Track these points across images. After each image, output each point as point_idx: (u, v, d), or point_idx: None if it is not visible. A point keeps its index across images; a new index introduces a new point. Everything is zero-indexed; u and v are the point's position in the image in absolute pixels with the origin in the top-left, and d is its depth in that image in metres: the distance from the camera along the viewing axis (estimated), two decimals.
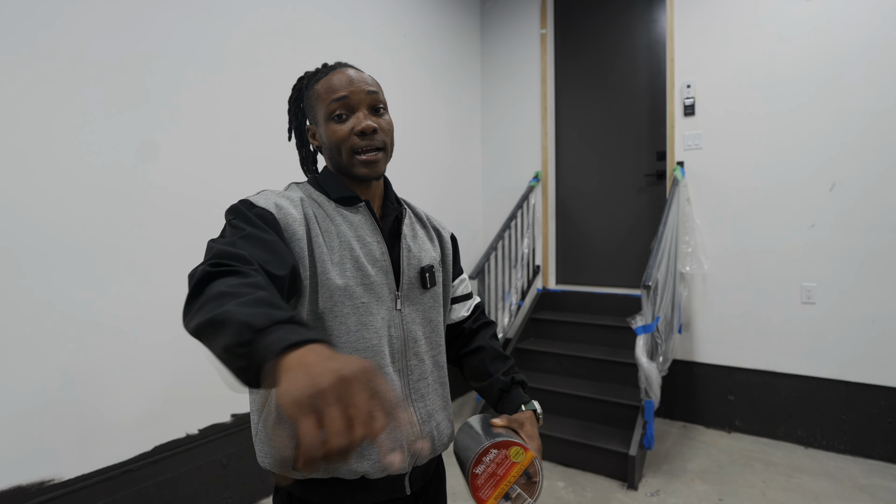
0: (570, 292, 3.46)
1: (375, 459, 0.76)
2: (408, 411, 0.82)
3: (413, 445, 0.79)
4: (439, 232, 0.99)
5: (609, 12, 3.44)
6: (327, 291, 0.77)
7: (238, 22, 2.21)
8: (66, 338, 1.68)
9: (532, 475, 0.73)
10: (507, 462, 0.71)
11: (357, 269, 0.80)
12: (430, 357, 0.88)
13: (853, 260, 2.58)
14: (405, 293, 0.85)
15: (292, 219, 0.76)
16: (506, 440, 0.74)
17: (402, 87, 3.13)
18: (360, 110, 0.82)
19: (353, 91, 0.81)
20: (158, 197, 1.92)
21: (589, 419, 2.68)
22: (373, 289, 0.81)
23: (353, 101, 0.81)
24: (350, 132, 0.81)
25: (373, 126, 0.81)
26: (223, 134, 2.14)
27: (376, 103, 0.83)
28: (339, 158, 0.83)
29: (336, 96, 0.81)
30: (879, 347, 2.52)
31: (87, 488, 1.72)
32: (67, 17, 1.68)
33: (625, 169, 3.41)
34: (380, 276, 0.82)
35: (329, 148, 0.84)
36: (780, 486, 2.28)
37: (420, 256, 0.89)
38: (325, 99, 0.82)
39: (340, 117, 0.82)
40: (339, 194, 0.84)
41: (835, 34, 2.60)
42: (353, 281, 0.79)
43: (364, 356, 0.77)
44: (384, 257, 0.83)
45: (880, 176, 2.52)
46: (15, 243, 1.57)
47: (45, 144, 1.64)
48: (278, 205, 0.77)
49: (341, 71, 0.84)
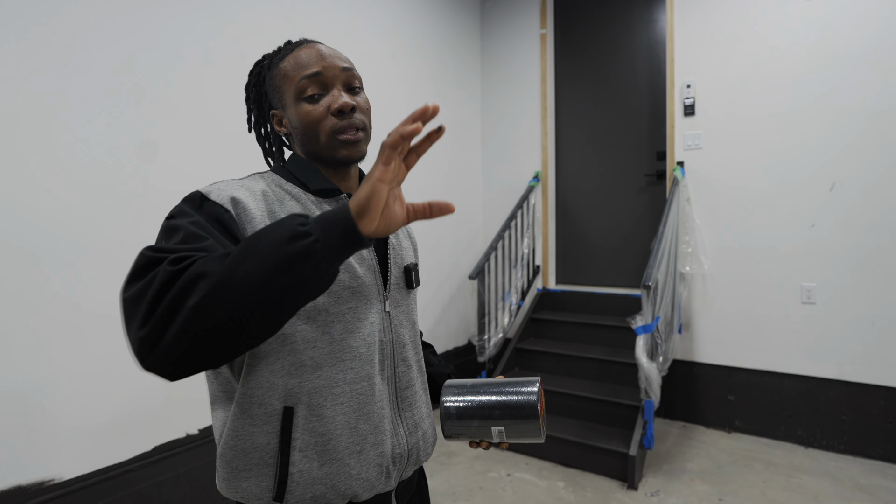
0: (570, 292, 3.46)
1: (364, 479, 0.71)
2: (394, 422, 0.76)
3: None
4: (408, 231, 0.92)
5: (609, 12, 3.44)
6: None
7: (238, 21, 2.21)
8: (65, 336, 1.68)
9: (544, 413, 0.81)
10: (542, 397, 0.78)
11: (344, 271, 0.71)
12: (416, 362, 0.83)
13: (853, 260, 2.58)
14: (392, 294, 0.78)
15: (251, 215, 0.66)
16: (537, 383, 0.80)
17: (403, 86, 3.13)
18: (335, 87, 0.73)
19: (327, 66, 0.73)
20: (153, 193, 1.92)
21: (589, 419, 2.68)
22: (361, 290, 0.73)
23: (327, 78, 0.73)
24: (327, 111, 0.72)
25: (351, 104, 0.72)
26: (222, 129, 2.14)
27: (352, 80, 0.75)
28: (316, 142, 0.73)
29: (307, 73, 0.72)
30: (879, 347, 2.53)
31: (87, 488, 1.72)
32: (63, 14, 1.68)
33: (625, 169, 3.41)
34: (368, 275, 0.74)
35: (302, 132, 0.74)
36: (780, 486, 2.28)
37: (402, 254, 0.83)
38: (294, 77, 0.73)
39: (313, 97, 0.73)
40: (318, 185, 0.74)
41: (835, 34, 2.60)
42: (338, 285, 0.70)
43: (349, 365, 0.70)
44: (370, 254, 0.76)
45: (880, 176, 2.52)
46: (17, 240, 1.57)
47: (40, 139, 1.64)
48: (235, 199, 0.66)
49: (310, 46, 0.75)
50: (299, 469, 0.67)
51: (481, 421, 0.77)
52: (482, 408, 0.77)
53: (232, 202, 0.66)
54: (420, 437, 0.80)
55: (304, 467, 0.67)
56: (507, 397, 0.77)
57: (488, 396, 0.77)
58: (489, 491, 2.31)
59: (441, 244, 3.39)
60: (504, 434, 0.77)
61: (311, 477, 0.68)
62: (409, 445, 0.78)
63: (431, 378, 0.95)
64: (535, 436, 0.77)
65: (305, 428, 0.68)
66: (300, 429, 0.68)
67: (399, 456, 0.76)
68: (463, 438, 0.80)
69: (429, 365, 0.95)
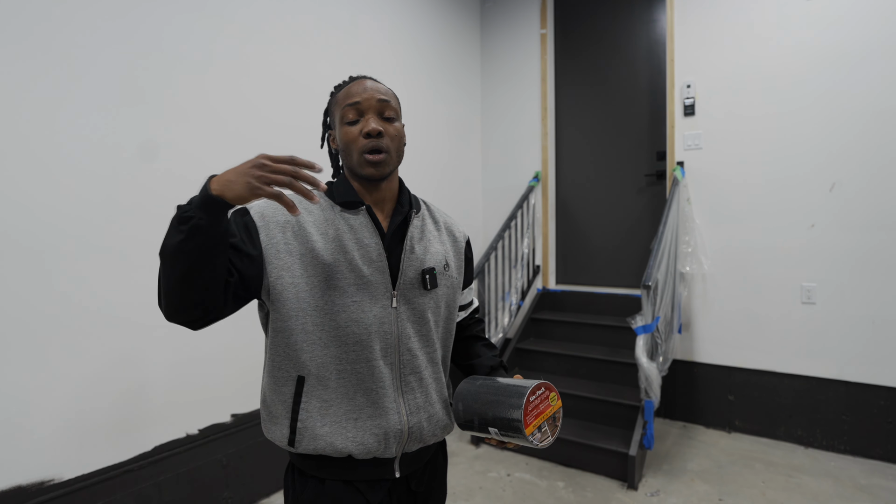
0: (570, 292, 3.46)
1: (360, 442, 0.85)
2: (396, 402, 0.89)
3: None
4: (453, 234, 1.04)
5: (609, 12, 3.44)
6: (317, 291, 0.84)
7: (238, 19, 2.21)
8: (65, 336, 1.68)
9: (556, 419, 0.87)
10: (546, 402, 0.85)
11: (350, 271, 0.86)
12: (425, 353, 0.93)
13: (853, 260, 2.58)
14: (402, 292, 0.91)
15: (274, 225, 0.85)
16: (551, 384, 0.87)
17: (403, 86, 3.13)
18: (369, 115, 0.89)
19: (366, 98, 0.89)
20: (161, 187, 1.92)
21: (589, 419, 2.68)
22: (367, 288, 0.87)
23: (364, 107, 0.89)
24: (359, 134, 0.88)
25: (378, 129, 0.87)
26: (223, 128, 2.14)
27: (385, 110, 0.90)
28: (350, 159, 0.89)
29: (350, 101, 0.89)
30: (879, 347, 2.53)
31: (87, 488, 1.72)
32: (61, 11, 1.68)
33: (625, 169, 3.41)
34: (376, 275, 0.88)
35: (343, 149, 0.91)
36: (780, 486, 2.28)
37: (423, 258, 0.94)
38: (342, 104, 0.90)
39: (353, 121, 0.89)
40: (342, 198, 0.90)
41: (835, 34, 2.60)
42: (345, 282, 0.86)
43: (351, 348, 0.86)
44: (381, 258, 0.89)
45: (880, 176, 2.52)
46: (21, 237, 1.57)
47: (42, 137, 1.64)
48: (263, 214, 0.86)
49: (360, 81, 0.92)
50: (305, 425, 0.85)
51: (480, 426, 0.87)
52: (480, 417, 0.87)
53: (260, 218, 0.86)
54: (424, 419, 0.91)
55: (310, 424, 0.85)
56: (497, 414, 0.84)
57: (483, 407, 0.86)
58: (489, 491, 2.31)
59: None
60: (502, 436, 0.84)
61: (315, 433, 0.85)
62: (409, 424, 0.89)
63: (474, 368, 1.07)
64: (528, 444, 0.81)
65: (312, 394, 0.85)
66: (308, 394, 0.85)
67: (398, 431, 0.87)
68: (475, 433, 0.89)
69: (476, 356, 1.08)
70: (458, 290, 1.02)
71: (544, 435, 0.84)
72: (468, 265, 1.07)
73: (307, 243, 0.85)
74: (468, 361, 1.08)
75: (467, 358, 1.09)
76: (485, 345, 1.11)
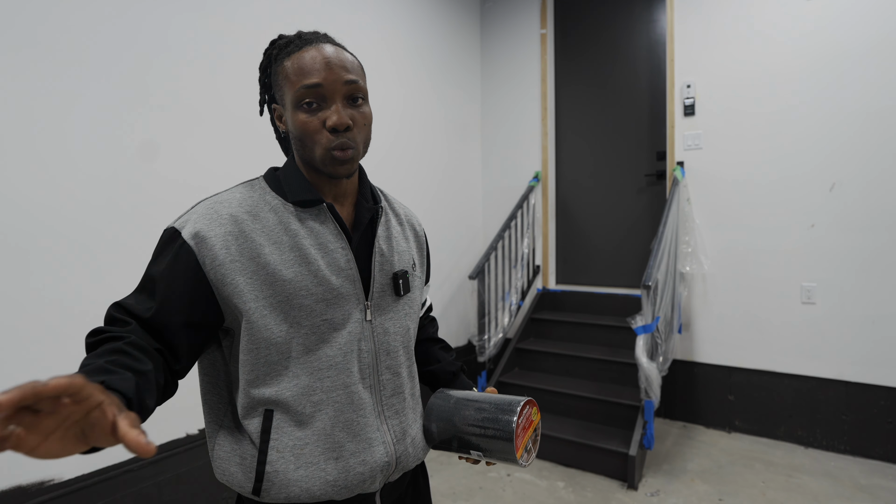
0: (570, 292, 3.46)
1: (342, 486, 0.72)
2: (380, 430, 0.77)
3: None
4: (415, 229, 0.92)
5: (609, 12, 3.44)
6: (279, 314, 0.70)
7: (238, 18, 2.21)
8: (65, 335, 1.68)
9: (537, 434, 0.82)
10: (530, 419, 0.79)
11: (317, 286, 0.72)
12: (406, 368, 0.82)
13: (853, 260, 2.58)
14: (375, 302, 0.78)
15: (214, 252, 0.69)
16: (532, 400, 0.80)
17: (402, 86, 3.13)
18: (335, 101, 0.71)
19: (328, 80, 0.70)
20: (159, 188, 1.92)
21: (589, 419, 2.68)
22: (337, 302, 0.74)
23: (327, 91, 0.70)
24: (321, 125, 0.71)
25: (346, 122, 0.70)
26: (225, 125, 2.14)
27: (354, 93, 0.72)
28: (311, 153, 0.73)
29: (307, 82, 0.70)
30: (879, 347, 2.53)
31: (87, 488, 1.72)
32: (62, 11, 1.68)
33: (625, 169, 3.41)
34: (346, 286, 0.75)
35: (297, 139, 0.73)
36: (780, 486, 2.28)
37: (393, 260, 0.81)
38: (295, 82, 0.71)
39: (311, 105, 0.70)
40: (297, 196, 0.74)
41: (834, 34, 2.60)
42: (312, 299, 0.71)
43: (325, 374, 0.72)
44: (350, 265, 0.75)
45: (880, 176, 2.52)
46: (21, 238, 1.57)
47: (45, 138, 1.64)
48: (198, 234, 0.69)
49: (317, 47, 0.71)
50: (275, 469, 0.70)
51: (460, 447, 0.80)
52: (461, 439, 0.79)
53: (195, 239, 0.68)
54: (409, 443, 0.80)
55: (281, 467, 0.70)
56: (483, 435, 0.77)
57: (464, 427, 0.78)
58: (489, 491, 2.31)
59: (441, 244, 3.39)
60: (483, 457, 0.79)
61: (287, 478, 0.70)
62: (396, 453, 0.78)
63: (435, 375, 0.96)
64: (516, 465, 0.76)
65: (283, 431, 0.71)
66: (278, 431, 0.71)
67: (385, 465, 0.76)
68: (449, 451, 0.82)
69: (435, 361, 0.97)
70: (423, 289, 0.91)
71: (529, 454, 0.78)
72: (428, 261, 0.96)
73: (258, 258, 0.69)
74: (427, 367, 0.97)
75: (426, 363, 0.97)
76: (442, 348, 1.00)
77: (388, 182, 2.76)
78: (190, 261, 0.68)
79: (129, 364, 0.59)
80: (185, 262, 0.68)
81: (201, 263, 0.68)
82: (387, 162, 2.98)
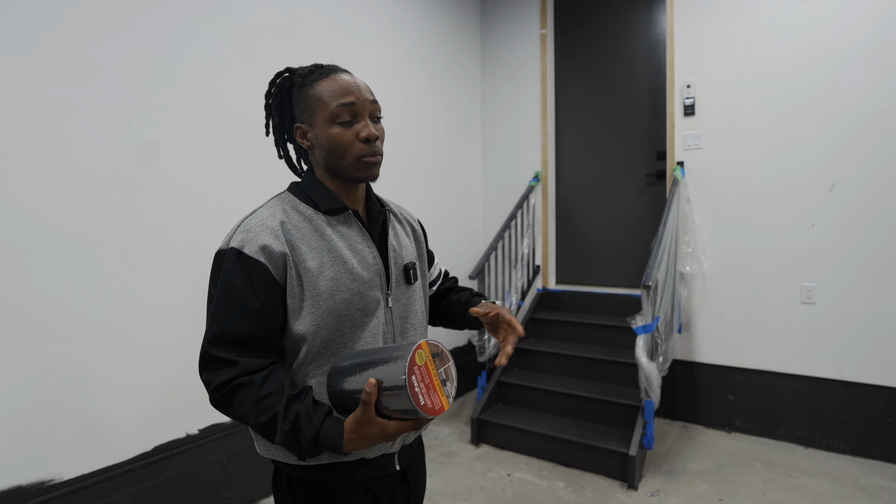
0: (570, 292, 3.46)
1: None
2: None
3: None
4: (411, 224, 1.04)
5: (609, 12, 3.44)
6: (323, 308, 0.82)
7: (238, 21, 2.21)
8: (66, 335, 1.68)
9: (438, 354, 0.72)
10: (420, 368, 0.69)
11: (353, 280, 0.85)
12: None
13: (853, 260, 2.58)
14: (394, 291, 0.92)
15: (277, 257, 0.80)
16: (405, 357, 0.68)
17: (402, 86, 3.13)
18: (363, 118, 0.86)
19: (360, 99, 0.85)
20: (159, 192, 1.92)
21: (589, 419, 2.68)
22: (368, 293, 0.87)
23: (359, 108, 0.85)
24: (355, 138, 0.85)
25: (377, 135, 0.86)
26: (225, 130, 2.14)
27: (377, 112, 0.88)
28: (340, 161, 0.86)
29: (344, 101, 0.84)
30: (879, 347, 2.52)
31: (87, 488, 1.72)
32: (68, 17, 1.68)
33: (625, 169, 3.41)
34: (375, 278, 0.88)
35: (329, 150, 0.86)
36: (780, 486, 2.28)
37: (402, 254, 0.95)
38: (329, 102, 0.85)
39: (345, 123, 0.84)
40: (328, 206, 0.87)
41: (834, 34, 2.60)
42: (349, 293, 0.84)
43: None
44: (376, 261, 0.89)
45: (880, 176, 2.52)
46: (18, 241, 1.57)
47: (47, 142, 1.64)
48: (264, 247, 0.80)
49: (344, 76, 0.87)
50: None
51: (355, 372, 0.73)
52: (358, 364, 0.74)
53: (263, 253, 0.80)
54: None
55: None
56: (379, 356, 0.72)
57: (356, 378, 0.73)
58: (489, 491, 2.31)
59: (441, 244, 3.39)
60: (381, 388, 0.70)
61: None
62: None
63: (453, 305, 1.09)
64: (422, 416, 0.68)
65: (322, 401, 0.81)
66: (317, 402, 0.80)
67: None
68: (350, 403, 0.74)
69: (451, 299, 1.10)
70: (427, 274, 1.05)
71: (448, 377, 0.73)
72: (427, 243, 1.09)
73: (304, 263, 0.82)
74: (447, 304, 1.11)
75: (445, 303, 1.11)
76: (458, 289, 1.13)
77: (389, 182, 2.75)
78: (265, 274, 0.79)
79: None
80: (262, 276, 0.79)
81: (274, 274, 0.80)
82: (387, 162, 2.97)
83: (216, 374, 0.77)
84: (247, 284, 0.79)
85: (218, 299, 0.79)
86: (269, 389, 0.75)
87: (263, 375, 0.76)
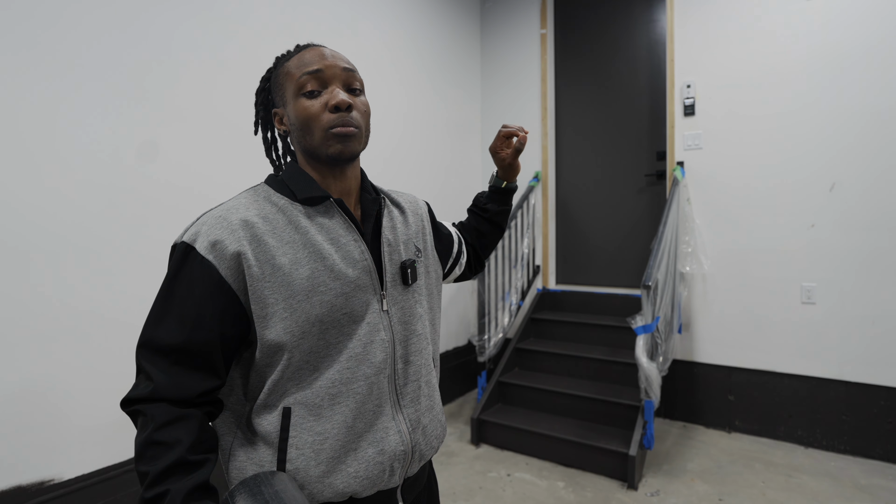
0: (570, 292, 3.46)
1: (364, 476, 0.72)
2: (395, 419, 0.77)
3: None
4: (416, 211, 0.92)
5: (609, 12, 3.44)
6: (299, 313, 0.70)
7: (239, 22, 2.21)
8: (65, 336, 1.68)
9: None
10: None
11: (334, 280, 0.72)
12: (420, 357, 0.82)
13: (853, 260, 2.58)
14: (389, 292, 0.79)
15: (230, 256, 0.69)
16: None
17: (403, 87, 3.13)
18: (334, 85, 0.75)
19: (328, 65, 0.75)
20: (158, 192, 1.92)
21: (589, 419, 2.68)
22: (356, 294, 0.74)
23: (327, 76, 0.74)
24: (323, 108, 0.73)
25: (347, 101, 0.73)
26: (223, 130, 2.14)
27: (352, 81, 0.76)
28: (311, 138, 0.74)
29: (308, 69, 0.74)
30: (879, 347, 2.52)
31: (87, 488, 1.72)
32: (68, 17, 1.68)
33: (625, 169, 3.41)
34: (363, 277, 0.76)
35: (299, 127, 0.75)
36: (780, 486, 2.28)
37: (399, 250, 0.83)
38: (296, 73, 0.75)
39: (312, 93, 0.74)
40: (304, 194, 0.75)
41: (835, 34, 2.60)
42: (331, 294, 0.72)
43: (345, 366, 0.73)
44: (364, 256, 0.76)
45: (880, 176, 2.52)
46: (21, 241, 1.57)
47: (47, 142, 1.64)
48: (216, 244, 0.68)
49: (314, 48, 0.77)
50: (296, 467, 0.70)
51: None
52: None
53: (213, 250, 0.68)
54: (421, 432, 0.81)
55: (301, 465, 0.70)
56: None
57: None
58: (489, 491, 2.31)
59: None
60: None
61: (309, 475, 0.70)
62: (412, 442, 0.78)
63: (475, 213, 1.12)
64: None
65: (302, 427, 0.71)
66: (297, 428, 0.71)
67: (402, 454, 0.76)
68: None
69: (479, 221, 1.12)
70: (438, 274, 0.92)
71: None
72: (439, 228, 0.99)
73: (273, 260, 0.70)
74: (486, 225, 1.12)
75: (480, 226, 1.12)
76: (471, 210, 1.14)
77: (393, 183, 2.75)
78: (213, 275, 0.68)
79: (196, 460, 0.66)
80: (208, 277, 0.68)
81: (224, 276, 0.68)
82: (391, 163, 2.99)
83: (134, 385, 0.67)
84: (189, 286, 0.68)
85: (157, 299, 0.69)
86: (162, 438, 0.62)
87: (167, 416, 0.64)
